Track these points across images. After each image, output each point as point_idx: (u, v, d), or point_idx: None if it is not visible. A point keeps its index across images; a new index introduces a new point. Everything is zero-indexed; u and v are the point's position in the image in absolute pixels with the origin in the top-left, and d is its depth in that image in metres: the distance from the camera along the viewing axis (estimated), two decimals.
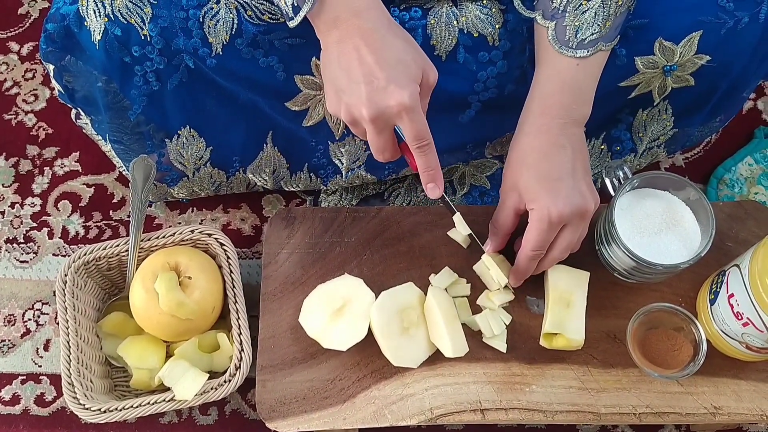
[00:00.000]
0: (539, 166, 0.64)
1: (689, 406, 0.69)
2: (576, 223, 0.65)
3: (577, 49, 0.63)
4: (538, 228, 0.64)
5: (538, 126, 0.65)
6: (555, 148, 0.64)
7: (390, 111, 0.58)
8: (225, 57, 0.67)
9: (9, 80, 1.00)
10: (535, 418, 0.69)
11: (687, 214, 0.71)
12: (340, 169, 0.79)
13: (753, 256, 0.62)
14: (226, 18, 0.65)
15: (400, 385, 0.70)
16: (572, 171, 0.64)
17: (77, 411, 0.70)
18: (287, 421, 0.69)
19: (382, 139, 0.61)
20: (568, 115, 0.64)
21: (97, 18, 0.65)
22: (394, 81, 0.57)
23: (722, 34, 0.68)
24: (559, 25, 0.63)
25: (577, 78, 0.64)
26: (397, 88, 0.57)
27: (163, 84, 0.70)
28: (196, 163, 0.80)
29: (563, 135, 0.64)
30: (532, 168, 0.65)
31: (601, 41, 0.63)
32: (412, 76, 0.59)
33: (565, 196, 0.63)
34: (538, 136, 0.65)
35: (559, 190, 0.64)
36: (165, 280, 0.72)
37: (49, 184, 0.94)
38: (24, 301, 0.88)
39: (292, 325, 0.73)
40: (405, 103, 0.57)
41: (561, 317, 0.70)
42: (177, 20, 0.65)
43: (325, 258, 0.76)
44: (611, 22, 0.62)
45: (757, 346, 0.65)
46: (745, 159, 0.92)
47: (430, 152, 0.62)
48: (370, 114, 0.58)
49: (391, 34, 0.60)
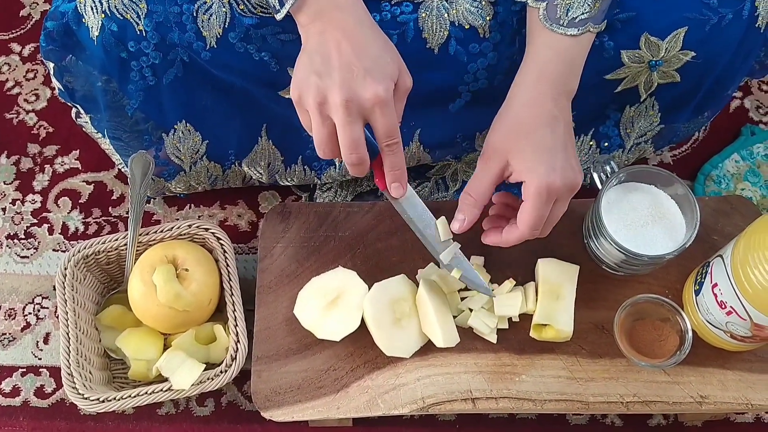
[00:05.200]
0: (535, 136, 0.63)
1: (676, 395, 0.70)
2: (566, 198, 0.65)
3: (568, 27, 0.63)
4: (537, 201, 0.63)
5: (534, 95, 0.64)
6: (550, 119, 0.64)
7: (364, 101, 0.58)
8: (219, 50, 0.68)
9: (11, 80, 1.02)
10: (525, 407, 0.70)
11: (673, 208, 0.72)
12: (334, 160, 0.80)
13: (735, 246, 0.64)
14: (218, 12, 0.66)
15: (393, 375, 0.71)
16: (564, 144, 0.64)
17: (76, 401, 0.72)
18: (282, 410, 0.71)
19: (350, 130, 0.58)
20: (562, 85, 0.64)
21: (95, 14, 0.67)
22: (372, 74, 0.58)
23: (707, 30, 0.69)
24: (550, 4, 0.64)
25: (571, 50, 0.64)
26: (374, 80, 0.57)
27: (159, 79, 0.71)
28: (193, 157, 0.81)
29: (556, 107, 0.64)
30: (529, 137, 0.63)
31: (590, 21, 0.64)
32: (389, 74, 0.59)
33: (561, 168, 0.63)
34: (533, 106, 0.64)
35: (555, 161, 0.63)
36: (163, 273, 0.74)
37: (49, 182, 0.95)
38: (24, 295, 0.89)
39: (287, 317, 0.74)
40: (380, 95, 0.57)
41: (550, 309, 0.72)
42: (171, 15, 0.66)
43: (319, 252, 0.77)
44: (600, 4, 0.64)
45: (741, 335, 0.67)
46: (732, 156, 0.94)
47: (398, 151, 0.62)
48: (343, 97, 0.57)
49: (372, 32, 0.60)
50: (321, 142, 0.60)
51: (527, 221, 0.64)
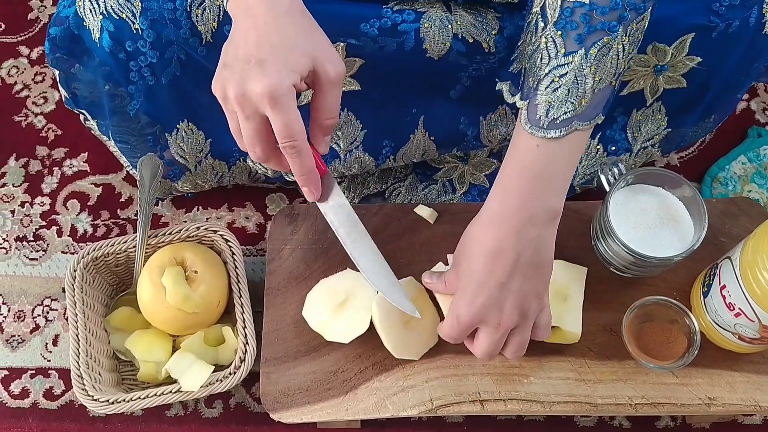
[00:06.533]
0: (471, 264, 0.60)
1: (684, 396, 0.70)
2: (522, 326, 0.62)
3: (548, 129, 0.56)
4: (450, 324, 0.62)
5: (491, 216, 0.60)
6: (496, 251, 0.59)
7: (254, 96, 0.53)
8: (215, 44, 0.67)
9: (19, 83, 1.03)
10: (533, 408, 0.70)
11: (681, 210, 0.72)
12: (338, 152, 0.81)
13: (744, 248, 0.64)
14: (212, 5, 0.65)
15: (401, 377, 0.72)
16: (508, 278, 0.59)
17: (86, 402, 0.72)
18: (291, 411, 0.71)
19: (248, 126, 0.55)
20: (527, 207, 0.58)
21: (94, 16, 0.67)
22: (265, 65, 0.53)
23: (713, 37, 0.70)
24: (531, 104, 0.57)
25: (539, 161, 0.57)
26: (264, 74, 0.52)
27: (158, 78, 0.71)
28: (197, 156, 0.81)
29: (515, 237, 0.58)
30: (464, 263, 0.62)
31: (576, 120, 0.56)
32: (291, 65, 0.53)
33: (482, 302, 0.60)
34: (486, 229, 0.60)
35: (478, 294, 0.60)
36: (172, 275, 0.74)
37: (58, 184, 0.96)
38: (33, 297, 0.89)
39: (296, 319, 0.74)
40: (267, 90, 0.52)
41: (558, 311, 0.72)
42: (165, 11, 0.66)
43: (327, 254, 0.78)
44: (587, 99, 0.56)
45: (750, 337, 0.67)
46: (739, 158, 0.94)
47: (298, 155, 0.56)
48: (235, 93, 0.53)
49: (287, 19, 0.55)
50: (247, 143, 0.57)
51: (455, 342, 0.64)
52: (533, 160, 0.57)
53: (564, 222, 0.62)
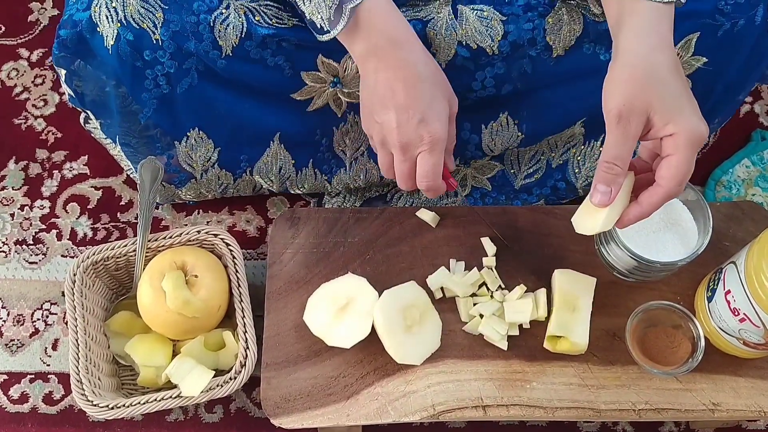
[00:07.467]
0: (671, 84, 0.57)
1: (688, 402, 0.70)
2: None
3: None
4: (689, 153, 0.57)
5: (660, 39, 0.58)
6: (676, 64, 0.58)
7: (420, 145, 0.63)
8: (234, 58, 0.69)
9: (19, 86, 1.02)
10: (536, 414, 0.70)
11: (685, 214, 0.72)
12: (344, 161, 0.80)
13: (749, 253, 0.64)
14: (235, 23, 0.67)
15: (403, 382, 0.71)
16: (689, 91, 0.59)
17: (85, 407, 0.71)
18: (292, 417, 0.70)
19: (405, 167, 0.65)
20: (670, 34, 0.59)
21: (110, 23, 0.67)
22: (427, 117, 0.62)
23: (719, 36, 0.69)
24: None
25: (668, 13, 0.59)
26: (427, 125, 0.62)
27: (173, 87, 0.72)
28: (204, 165, 0.81)
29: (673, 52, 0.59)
30: (667, 86, 0.57)
31: None
32: (442, 115, 0.63)
33: (700, 115, 0.58)
34: (663, 50, 0.58)
35: (696, 108, 0.58)
36: (172, 279, 0.74)
37: (57, 187, 0.95)
38: (33, 301, 0.89)
39: (297, 324, 0.74)
40: (430, 139, 0.62)
41: (566, 321, 0.71)
42: (188, 24, 0.67)
43: (329, 258, 0.77)
44: None
45: (754, 342, 0.67)
46: (742, 161, 0.94)
47: (434, 193, 0.67)
48: (400, 141, 0.63)
49: (425, 69, 0.63)
50: (400, 178, 0.67)
51: (676, 176, 0.58)
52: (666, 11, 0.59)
53: (567, 227, 0.62)
